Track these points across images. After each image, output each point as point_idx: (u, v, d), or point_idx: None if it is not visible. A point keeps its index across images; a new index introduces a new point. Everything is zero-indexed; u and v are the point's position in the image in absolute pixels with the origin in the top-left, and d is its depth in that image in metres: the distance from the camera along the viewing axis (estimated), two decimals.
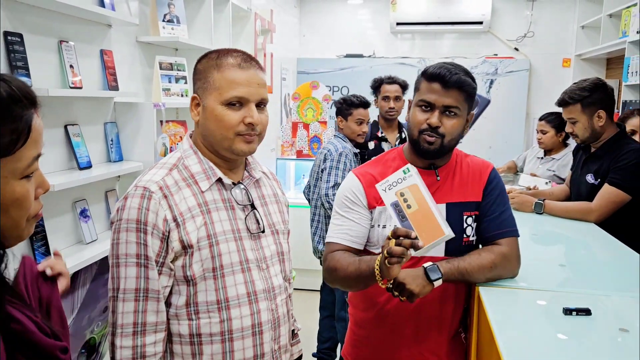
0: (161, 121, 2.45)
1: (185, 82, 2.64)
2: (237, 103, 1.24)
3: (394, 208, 1.33)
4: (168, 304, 1.24)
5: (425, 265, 1.39)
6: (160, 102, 2.42)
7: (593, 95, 2.28)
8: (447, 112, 1.47)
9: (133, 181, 1.25)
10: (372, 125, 3.25)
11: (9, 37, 1.65)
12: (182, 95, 2.62)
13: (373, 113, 3.22)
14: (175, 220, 1.19)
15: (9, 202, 0.80)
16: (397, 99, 3.22)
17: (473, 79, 1.50)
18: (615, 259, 1.86)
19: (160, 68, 2.53)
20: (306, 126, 4.60)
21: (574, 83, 2.41)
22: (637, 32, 4.02)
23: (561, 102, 2.41)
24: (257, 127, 1.26)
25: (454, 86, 1.45)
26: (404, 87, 3.26)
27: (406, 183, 1.34)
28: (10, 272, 0.87)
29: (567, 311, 1.27)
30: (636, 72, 4.00)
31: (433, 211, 1.30)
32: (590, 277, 1.67)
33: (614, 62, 5.25)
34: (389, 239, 1.27)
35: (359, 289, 1.56)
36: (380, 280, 1.32)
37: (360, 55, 5.89)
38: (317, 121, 4.61)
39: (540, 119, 3.51)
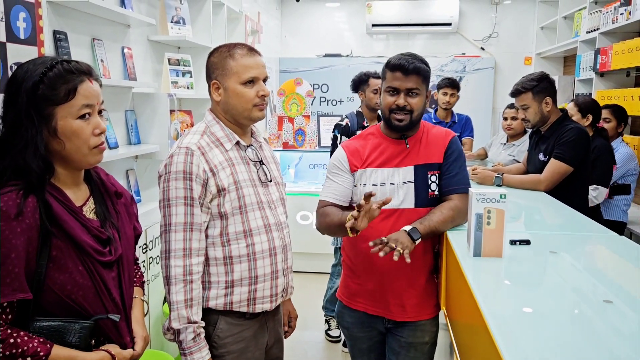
0: (171, 110, 2.79)
1: (191, 76, 2.98)
2: (251, 82, 1.63)
3: (476, 217, 1.53)
4: (205, 235, 1.61)
5: (406, 228, 1.75)
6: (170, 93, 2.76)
7: (540, 85, 2.70)
8: (410, 94, 1.85)
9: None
10: (356, 115, 3.47)
11: (57, 35, 1.98)
12: (187, 88, 2.96)
13: (355, 104, 3.52)
14: (211, 170, 1.58)
15: (69, 133, 1.21)
16: None
17: (427, 64, 1.87)
18: (548, 208, 2.28)
19: (169, 63, 2.86)
20: (291, 120, 4.96)
21: (522, 77, 2.82)
22: (587, 32, 4.48)
23: (515, 93, 2.79)
24: (266, 97, 1.68)
25: (413, 72, 1.83)
26: None
27: (497, 205, 1.51)
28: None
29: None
30: (586, 67, 4.47)
31: (502, 237, 1.53)
32: (533, 222, 2.11)
33: (570, 59, 5.72)
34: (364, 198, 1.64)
35: (340, 235, 1.92)
36: (350, 232, 1.68)
37: (339, 55, 6.27)
38: (301, 115, 4.98)
39: (511, 107, 3.91)
